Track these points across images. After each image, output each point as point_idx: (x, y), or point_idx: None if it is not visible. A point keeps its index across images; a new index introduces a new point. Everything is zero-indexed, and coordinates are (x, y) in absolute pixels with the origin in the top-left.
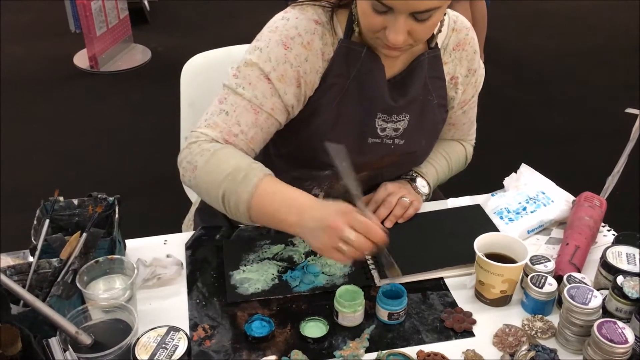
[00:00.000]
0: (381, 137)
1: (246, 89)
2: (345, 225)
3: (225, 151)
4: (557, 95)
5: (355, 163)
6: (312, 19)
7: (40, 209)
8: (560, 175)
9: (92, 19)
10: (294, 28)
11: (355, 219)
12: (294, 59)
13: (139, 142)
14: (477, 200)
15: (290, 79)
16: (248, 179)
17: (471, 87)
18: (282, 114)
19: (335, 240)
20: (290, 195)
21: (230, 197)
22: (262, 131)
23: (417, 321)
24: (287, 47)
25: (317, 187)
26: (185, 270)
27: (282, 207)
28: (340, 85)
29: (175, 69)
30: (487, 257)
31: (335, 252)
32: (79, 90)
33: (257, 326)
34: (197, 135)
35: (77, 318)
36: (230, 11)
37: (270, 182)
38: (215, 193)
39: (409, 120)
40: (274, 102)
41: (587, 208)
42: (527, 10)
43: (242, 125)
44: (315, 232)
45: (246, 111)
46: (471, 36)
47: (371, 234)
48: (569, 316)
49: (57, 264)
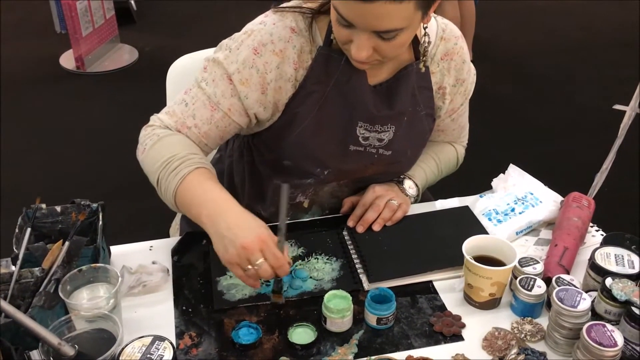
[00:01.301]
0: (364, 146)
1: (209, 85)
2: (257, 251)
3: (170, 139)
4: (545, 93)
5: (338, 170)
6: (289, 26)
7: (22, 217)
8: (549, 173)
9: (77, 19)
10: (269, 34)
11: (269, 251)
12: (262, 65)
13: (126, 144)
14: (465, 201)
15: (255, 84)
16: (179, 169)
17: (460, 96)
18: (241, 116)
19: (242, 259)
20: (211, 192)
21: (162, 183)
22: (217, 129)
23: (406, 325)
24: (257, 52)
25: (302, 194)
26: (171, 276)
27: (199, 203)
28: (320, 92)
29: (163, 68)
30: (476, 260)
31: (237, 268)
32: (65, 91)
33: (244, 333)
34: (154, 119)
35: (60, 329)
36: (219, 10)
37: (199, 175)
38: (153, 177)
39: (394, 131)
40: (232, 102)
41: (576, 209)
42: (516, 7)
43: (197, 119)
44: (226, 241)
45: (203, 106)
46: (460, 45)
47: (279, 270)
48: (558, 319)
49: (39, 273)
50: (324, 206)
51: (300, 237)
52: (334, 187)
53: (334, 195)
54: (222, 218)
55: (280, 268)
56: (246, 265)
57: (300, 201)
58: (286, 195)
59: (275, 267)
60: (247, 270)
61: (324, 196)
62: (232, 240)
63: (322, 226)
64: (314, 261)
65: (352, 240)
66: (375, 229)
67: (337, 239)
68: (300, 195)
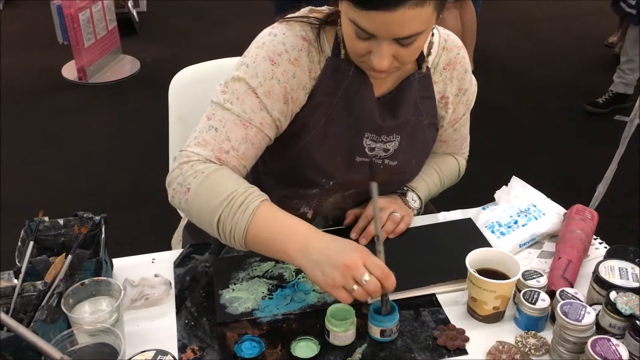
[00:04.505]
0: (370, 157)
1: (234, 103)
2: (361, 266)
3: (219, 173)
4: (546, 104)
5: (343, 180)
6: (300, 35)
7: (24, 230)
8: (551, 184)
9: (80, 31)
10: (281, 44)
11: (372, 261)
12: (281, 75)
13: (128, 155)
14: (468, 214)
15: (278, 95)
16: (245, 205)
17: (462, 106)
18: (272, 128)
19: (347, 279)
20: (291, 223)
21: (226, 223)
22: (253, 147)
23: (409, 339)
24: (274, 62)
25: (306, 205)
26: (174, 289)
27: (281, 237)
28: (327, 103)
29: (165, 79)
30: (479, 273)
31: (342, 291)
32: (67, 102)
33: (247, 347)
34: (188, 154)
35: (62, 343)
36: (220, 21)
37: (268, 209)
38: (210, 218)
39: (399, 141)
40: (262, 116)
41: (579, 221)
42: (517, 17)
43: (233, 141)
44: (323, 266)
45: (235, 126)
46: (462, 55)
47: (386, 280)
48: (563, 333)
49: (42, 287)
50: (328, 217)
51: None
52: (338, 199)
53: (338, 206)
54: (312, 245)
55: (387, 279)
56: (352, 286)
57: (303, 212)
58: (376, 197)
59: (383, 279)
60: (353, 291)
61: (328, 207)
62: (331, 263)
63: None
64: None
65: None
66: None
67: None
68: (304, 206)
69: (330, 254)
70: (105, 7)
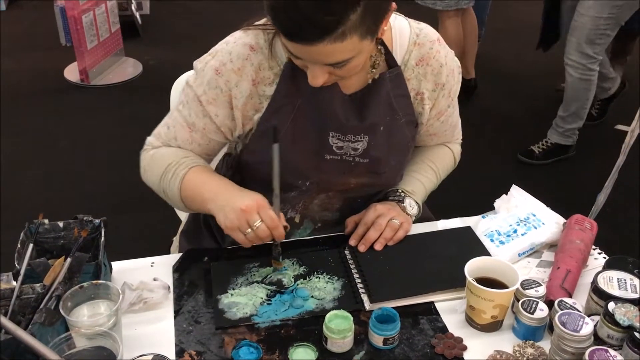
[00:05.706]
0: (339, 155)
1: (184, 107)
2: (254, 212)
3: (160, 151)
4: (548, 113)
5: (319, 180)
6: (249, 44)
7: (24, 232)
8: (550, 193)
9: (83, 33)
10: (228, 54)
11: (266, 212)
12: (224, 84)
13: (129, 157)
14: (467, 222)
15: (222, 102)
16: (176, 174)
17: (444, 99)
18: (216, 134)
19: (242, 222)
20: (210, 181)
21: (167, 192)
22: (199, 147)
23: (407, 347)
24: (218, 72)
25: (291, 209)
26: (173, 293)
27: (201, 192)
28: (291, 105)
29: (167, 82)
30: (478, 282)
31: (238, 233)
32: (70, 104)
33: (244, 352)
34: (147, 142)
35: (59, 346)
36: (223, 25)
37: (194, 173)
38: (159, 190)
39: (368, 141)
40: (205, 122)
41: (578, 231)
42: (520, 26)
43: (179, 141)
44: (226, 209)
45: (182, 128)
46: (436, 49)
47: (275, 230)
48: (561, 343)
49: (41, 289)
50: (316, 220)
51: (302, 256)
52: (323, 200)
53: (324, 207)
54: (222, 193)
55: (275, 229)
56: (246, 229)
57: (291, 217)
58: (277, 156)
59: (272, 227)
60: (247, 234)
61: (314, 209)
62: (231, 207)
63: (324, 245)
64: (316, 280)
65: (354, 260)
66: (377, 248)
67: (339, 258)
68: (290, 211)
69: (233, 200)
70: (108, 10)
